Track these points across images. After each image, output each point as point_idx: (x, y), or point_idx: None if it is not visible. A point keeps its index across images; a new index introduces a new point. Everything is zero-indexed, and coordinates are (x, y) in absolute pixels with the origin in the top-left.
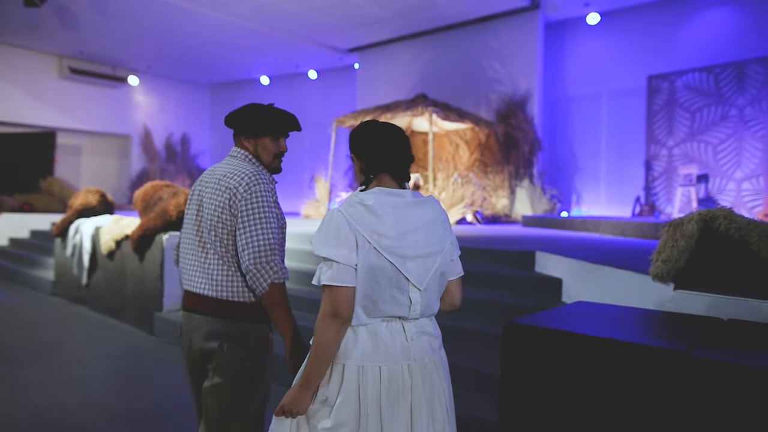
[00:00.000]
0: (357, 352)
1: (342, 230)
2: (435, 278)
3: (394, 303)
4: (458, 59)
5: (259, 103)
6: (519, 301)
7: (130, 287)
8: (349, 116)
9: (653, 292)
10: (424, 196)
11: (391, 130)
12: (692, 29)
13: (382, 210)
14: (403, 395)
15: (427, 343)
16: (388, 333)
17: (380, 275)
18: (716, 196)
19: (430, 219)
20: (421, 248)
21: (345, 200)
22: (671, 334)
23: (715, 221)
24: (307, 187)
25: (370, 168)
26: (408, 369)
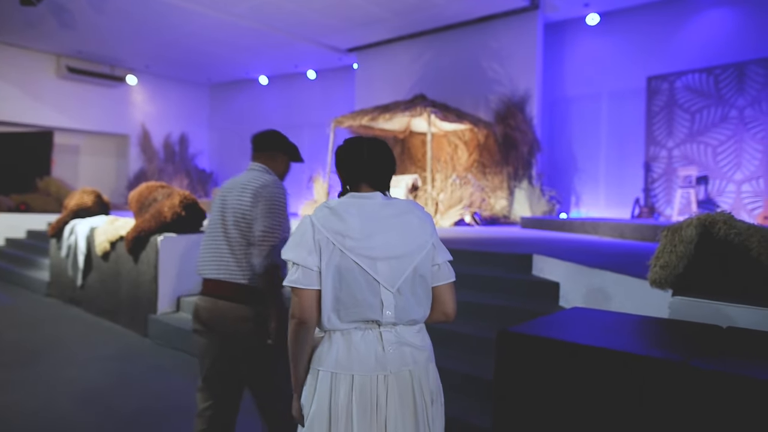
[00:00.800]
0: (331, 359)
1: (306, 233)
2: (410, 280)
3: (365, 306)
4: (457, 59)
5: (276, 130)
6: (515, 305)
7: (125, 289)
8: (347, 116)
9: (651, 298)
10: (398, 199)
11: (370, 147)
12: (692, 30)
13: (344, 211)
14: (377, 408)
15: (409, 354)
16: (362, 341)
17: (348, 276)
18: (716, 197)
19: (401, 221)
20: (392, 249)
21: (318, 205)
22: (668, 342)
23: (714, 226)
24: (305, 188)
25: (347, 181)
26: (384, 380)
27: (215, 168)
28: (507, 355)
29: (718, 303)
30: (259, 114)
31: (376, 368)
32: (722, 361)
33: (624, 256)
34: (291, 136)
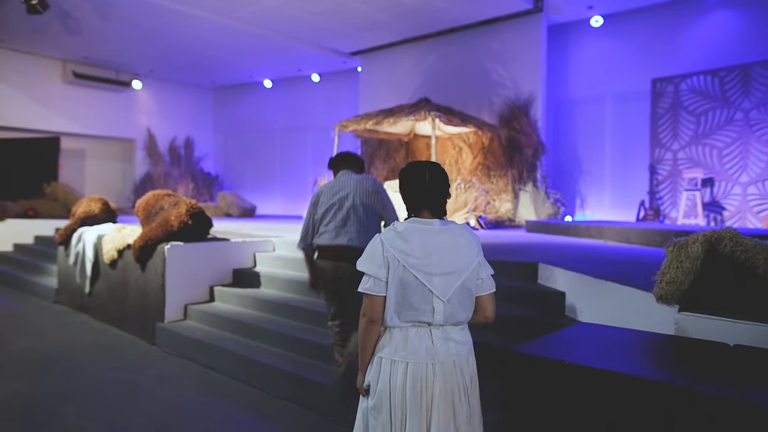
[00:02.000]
0: (391, 349)
1: (377, 251)
2: (458, 292)
3: (421, 310)
4: (461, 63)
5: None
6: (520, 315)
7: (133, 296)
8: (351, 120)
9: (657, 312)
10: (452, 225)
11: (431, 173)
12: (697, 32)
13: (409, 235)
14: (426, 389)
15: (453, 348)
16: (416, 336)
17: (408, 287)
18: (721, 200)
19: (454, 243)
20: (445, 266)
21: (387, 227)
22: (675, 363)
23: (720, 243)
24: (310, 191)
25: (411, 207)
26: (432, 367)
27: (220, 171)
28: (514, 375)
29: (724, 320)
30: (264, 117)
31: (426, 357)
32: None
33: (630, 265)
34: (295, 139)
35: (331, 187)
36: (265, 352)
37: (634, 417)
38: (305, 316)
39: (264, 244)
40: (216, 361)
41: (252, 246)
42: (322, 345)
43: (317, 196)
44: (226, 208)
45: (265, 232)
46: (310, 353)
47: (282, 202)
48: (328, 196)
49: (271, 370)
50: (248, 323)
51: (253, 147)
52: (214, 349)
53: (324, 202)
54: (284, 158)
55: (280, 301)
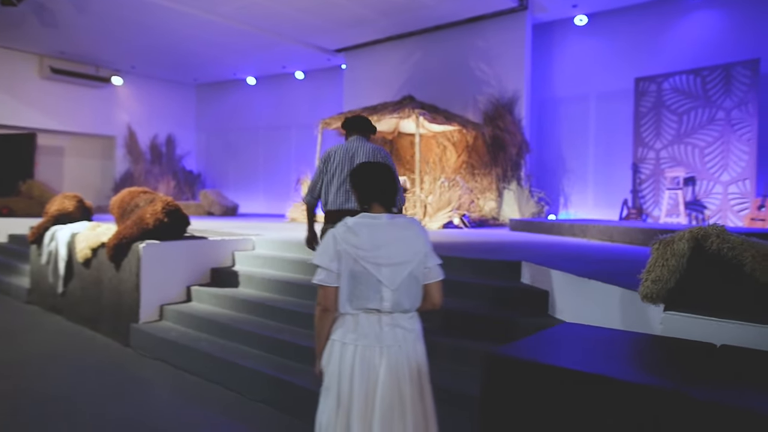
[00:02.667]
0: (343, 332)
1: (329, 245)
2: (406, 281)
3: (370, 298)
4: (446, 60)
5: None
6: (503, 315)
7: (107, 297)
8: (335, 118)
9: (642, 310)
10: (400, 218)
11: (380, 172)
12: (679, 31)
13: (359, 229)
14: (371, 371)
15: (401, 334)
16: (367, 322)
17: (359, 277)
18: (703, 199)
19: (401, 235)
20: (392, 257)
21: (339, 222)
22: (661, 364)
23: (707, 240)
24: (293, 190)
25: (362, 200)
26: (379, 351)
27: (203, 169)
28: (494, 379)
29: (710, 319)
30: (247, 115)
31: (374, 342)
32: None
33: (614, 263)
34: (278, 137)
35: (345, 150)
36: (242, 354)
37: (620, 422)
38: (284, 316)
39: (243, 242)
40: (192, 363)
41: (231, 244)
42: (301, 346)
43: (329, 155)
44: (208, 206)
45: (246, 231)
46: (289, 355)
47: (265, 201)
48: (340, 157)
49: (249, 372)
50: (226, 324)
51: (237, 145)
52: (189, 351)
53: (336, 162)
54: (267, 156)
55: (258, 300)
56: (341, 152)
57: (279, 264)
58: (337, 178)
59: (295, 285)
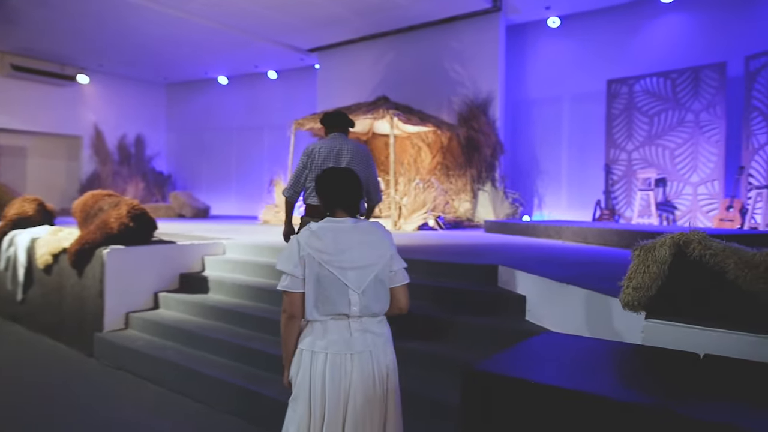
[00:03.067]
0: (311, 340)
1: (293, 250)
2: (372, 284)
3: (338, 303)
4: (420, 61)
5: None
6: (480, 321)
7: (69, 305)
8: (308, 118)
9: (622, 317)
10: (363, 222)
11: (345, 178)
12: (650, 34)
13: (323, 234)
14: (343, 377)
15: (370, 339)
16: (335, 328)
17: (324, 282)
18: (673, 200)
19: (365, 239)
20: (357, 261)
21: (303, 228)
22: (643, 376)
23: (688, 246)
24: (266, 191)
25: (327, 206)
26: (350, 357)
27: (173, 170)
28: (474, 394)
29: (693, 327)
30: (219, 115)
31: (344, 348)
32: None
33: (591, 266)
34: (251, 138)
35: (330, 147)
36: (210, 363)
37: None
38: (255, 323)
39: (213, 246)
40: (158, 373)
41: (200, 249)
42: (271, 355)
43: (313, 150)
44: (179, 208)
45: (216, 234)
46: (258, 364)
47: (237, 203)
48: (325, 153)
49: (216, 382)
50: (194, 332)
51: (208, 145)
52: (156, 361)
53: (322, 158)
54: (240, 157)
55: (228, 307)
56: (326, 149)
57: (250, 269)
58: None
59: (267, 291)
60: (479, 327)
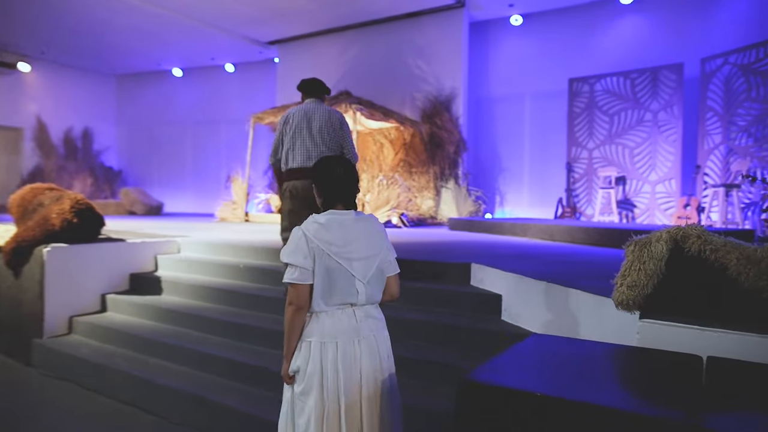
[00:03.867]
0: (320, 332)
1: (301, 243)
2: (375, 274)
3: (346, 293)
4: (383, 56)
5: None
6: (454, 321)
7: (4, 309)
8: (267, 112)
9: (610, 317)
10: (364, 215)
11: (344, 169)
12: (610, 34)
13: (331, 226)
14: (354, 363)
15: (373, 324)
16: (343, 316)
17: (333, 273)
18: (633, 198)
19: (368, 231)
20: (362, 252)
21: (306, 220)
22: (650, 383)
23: (686, 241)
24: (224, 188)
25: (327, 200)
26: (358, 343)
27: (124, 166)
28: (468, 406)
29: (693, 328)
30: (173, 108)
31: (353, 335)
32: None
33: (567, 264)
34: (207, 132)
35: (304, 112)
36: (165, 371)
37: None
38: (215, 327)
39: (167, 244)
40: (105, 383)
41: (153, 247)
42: (234, 362)
43: (288, 117)
44: (130, 205)
45: (170, 232)
46: (218, 371)
47: (193, 199)
48: (299, 118)
49: (172, 392)
50: (147, 337)
51: (162, 140)
52: (103, 370)
53: (296, 123)
54: (196, 152)
55: (185, 309)
56: (300, 114)
57: (208, 268)
58: (298, 139)
59: (227, 291)
60: (454, 327)
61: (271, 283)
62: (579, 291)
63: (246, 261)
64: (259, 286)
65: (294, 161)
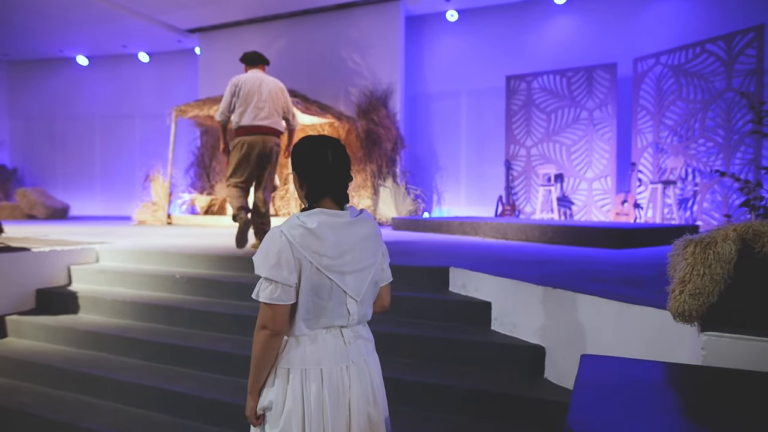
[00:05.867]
0: (299, 357)
1: (284, 253)
2: (369, 288)
3: (335, 315)
4: (315, 48)
5: None
6: (440, 334)
7: None
8: (191, 105)
9: (631, 327)
10: (360, 215)
11: (334, 151)
12: (546, 32)
13: (323, 232)
14: (342, 395)
15: (363, 346)
16: (330, 337)
17: (321, 291)
18: (570, 195)
19: (364, 236)
20: (357, 263)
21: (287, 221)
22: None
23: (758, 240)
24: (141, 188)
25: (312, 194)
26: (347, 370)
27: (20, 164)
28: None
29: None
30: (79, 100)
31: (340, 360)
32: None
33: (552, 265)
34: (119, 127)
35: (251, 77)
36: (86, 410)
37: None
38: (147, 351)
39: (82, 253)
40: (7, 428)
41: (65, 256)
42: (174, 393)
43: (238, 82)
44: (29, 208)
45: (84, 238)
46: (156, 405)
47: (104, 201)
48: (249, 84)
49: None
50: (61, 367)
51: (66, 136)
52: (4, 413)
53: (248, 88)
54: (106, 150)
55: (108, 331)
56: (250, 80)
57: (135, 280)
58: (252, 101)
59: (161, 307)
60: (440, 341)
61: (216, 295)
62: (593, 297)
63: (182, 270)
64: (201, 299)
65: (245, 119)
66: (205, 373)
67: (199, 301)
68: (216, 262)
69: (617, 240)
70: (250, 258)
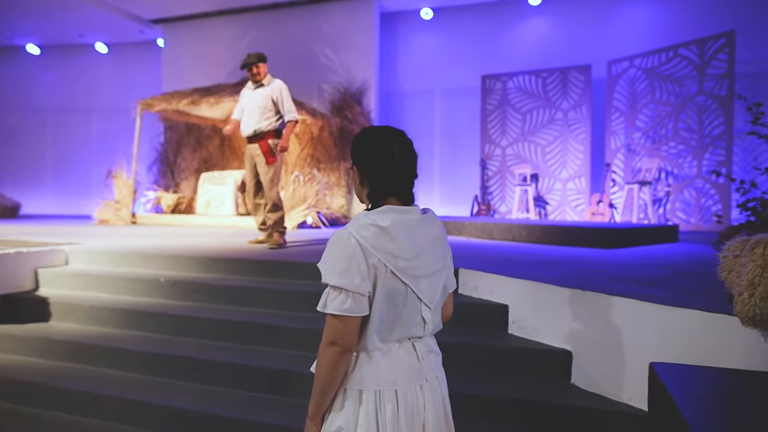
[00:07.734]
0: (372, 377)
1: (356, 257)
2: (441, 294)
3: (411, 324)
4: (286, 43)
5: None
6: (459, 339)
7: None
8: (158, 98)
9: (673, 331)
10: (428, 212)
11: (401, 145)
12: (521, 33)
13: (397, 231)
14: (417, 417)
15: (434, 361)
16: (403, 354)
17: (395, 298)
18: (545, 195)
19: (435, 235)
20: (430, 266)
21: (354, 221)
22: None
23: None
24: (103, 185)
25: (375, 193)
26: (420, 389)
27: None
28: None
29: None
30: (28, 92)
31: (414, 379)
32: None
33: (562, 266)
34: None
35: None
36: (66, 429)
37: None
38: (136, 362)
39: (50, 254)
40: None
41: (30, 259)
42: (172, 409)
43: (242, 92)
44: None
45: (47, 238)
46: (148, 423)
47: (55, 199)
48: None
49: None
50: (33, 381)
51: (14, 130)
52: None
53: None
54: (59, 145)
55: (86, 340)
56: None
57: (113, 284)
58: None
59: (145, 314)
60: (459, 345)
61: (206, 300)
62: (630, 300)
63: (166, 273)
64: (190, 304)
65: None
66: (201, 386)
67: (188, 306)
68: (203, 264)
69: (607, 240)
70: (240, 260)
